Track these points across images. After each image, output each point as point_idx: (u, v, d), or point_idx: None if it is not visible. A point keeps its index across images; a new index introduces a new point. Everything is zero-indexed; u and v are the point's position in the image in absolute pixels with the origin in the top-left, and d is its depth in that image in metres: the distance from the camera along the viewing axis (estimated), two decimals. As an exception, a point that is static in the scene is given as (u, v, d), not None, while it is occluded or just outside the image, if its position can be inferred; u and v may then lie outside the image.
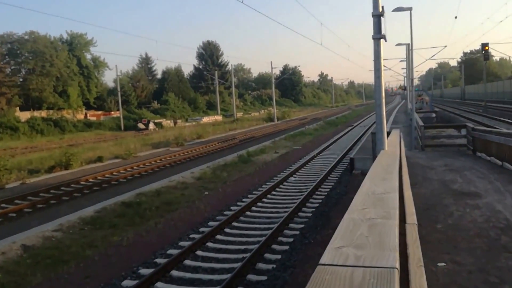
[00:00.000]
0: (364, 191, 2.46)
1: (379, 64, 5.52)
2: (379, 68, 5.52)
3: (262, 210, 11.31)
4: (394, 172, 3.14)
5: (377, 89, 5.66)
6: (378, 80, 5.59)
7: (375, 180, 2.84)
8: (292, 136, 33.23)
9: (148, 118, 54.53)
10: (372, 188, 2.57)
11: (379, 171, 3.33)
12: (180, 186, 15.34)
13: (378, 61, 5.52)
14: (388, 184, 2.68)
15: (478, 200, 6.35)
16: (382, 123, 5.71)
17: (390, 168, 3.39)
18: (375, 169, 3.42)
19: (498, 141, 10.19)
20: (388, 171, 3.22)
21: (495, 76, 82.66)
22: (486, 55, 37.76)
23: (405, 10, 18.73)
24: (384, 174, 3.07)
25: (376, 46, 5.52)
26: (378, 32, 5.43)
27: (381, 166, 3.56)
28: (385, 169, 3.36)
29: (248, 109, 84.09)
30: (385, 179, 2.83)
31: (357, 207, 2.07)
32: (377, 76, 5.57)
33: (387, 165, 3.59)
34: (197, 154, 24.73)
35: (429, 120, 29.33)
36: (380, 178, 2.90)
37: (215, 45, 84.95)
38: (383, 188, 2.53)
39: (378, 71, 5.54)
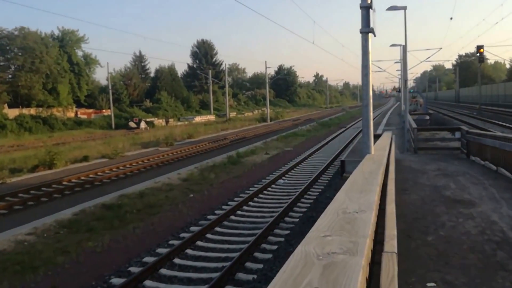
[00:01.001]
0: (333, 209, 2.00)
1: (367, 61, 5.06)
2: (367, 65, 5.07)
3: (247, 214, 10.84)
4: (375, 182, 2.68)
5: (365, 88, 5.20)
6: (365, 78, 5.13)
7: (351, 192, 2.38)
8: (284, 137, 32.79)
9: (140, 116, 53.81)
10: (345, 204, 2.10)
11: (359, 180, 2.87)
12: (165, 188, 14.83)
13: (365, 57, 5.07)
14: (365, 199, 2.21)
15: (472, 209, 5.92)
16: (369, 125, 5.26)
17: (371, 177, 2.92)
18: (354, 177, 2.96)
19: (493, 145, 9.78)
20: (368, 181, 2.76)
21: (489, 79, 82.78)
22: (481, 58, 37.54)
23: (400, 9, 18.33)
24: (363, 185, 2.61)
25: (364, 41, 5.06)
26: (366, 25, 4.98)
27: (362, 174, 3.10)
28: (366, 178, 2.90)
29: (241, 109, 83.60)
30: (363, 192, 2.37)
31: (319, 233, 1.60)
32: (365, 73, 5.11)
33: (369, 173, 3.13)
34: (186, 155, 24.21)
35: (423, 122, 28.98)
36: (357, 189, 2.45)
37: (210, 44, 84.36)
38: (358, 205, 2.07)
39: (366, 68, 5.09)
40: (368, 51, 5.06)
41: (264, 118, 60.02)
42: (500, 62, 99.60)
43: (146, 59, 74.78)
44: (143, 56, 74.53)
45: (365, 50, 5.06)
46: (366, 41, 5.05)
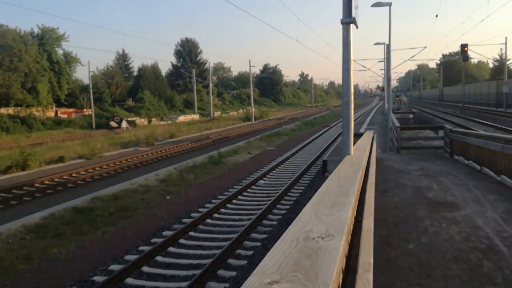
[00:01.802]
0: (293, 233, 1.55)
1: (348, 54, 4.64)
2: (348, 58, 4.65)
3: (224, 217, 10.38)
4: (351, 192, 2.24)
5: (345, 83, 4.78)
6: (346, 72, 4.71)
7: (320, 206, 1.94)
8: (268, 137, 32.39)
9: (122, 116, 52.81)
10: (310, 225, 1.66)
11: (332, 189, 2.44)
12: (141, 190, 14.27)
13: (346, 50, 4.65)
14: (337, 216, 1.77)
15: (456, 213, 5.56)
16: (349, 124, 4.85)
17: (348, 184, 2.49)
18: (328, 185, 2.53)
19: (477, 144, 9.50)
20: (343, 190, 2.33)
21: (473, 78, 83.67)
22: (465, 56, 37.66)
23: (384, 5, 18.05)
24: (336, 195, 2.18)
25: (345, 32, 4.64)
26: (347, 15, 4.56)
27: (338, 181, 2.67)
28: (341, 186, 2.47)
29: (226, 108, 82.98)
30: (335, 205, 1.93)
31: (263, 277, 1.14)
32: (346, 68, 4.69)
33: (346, 179, 2.70)
34: (166, 155, 23.62)
35: (407, 121, 28.89)
36: (329, 202, 2.01)
37: (194, 42, 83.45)
38: (326, 226, 1.63)
39: (347, 62, 4.67)
40: (350, 43, 4.65)
41: (248, 117, 59.54)
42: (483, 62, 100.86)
43: (130, 58, 73.67)
44: (127, 55, 73.44)
45: (346, 42, 4.64)
46: (347, 33, 4.63)
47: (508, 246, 4.14)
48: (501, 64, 63.07)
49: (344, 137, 4.90)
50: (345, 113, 4.86)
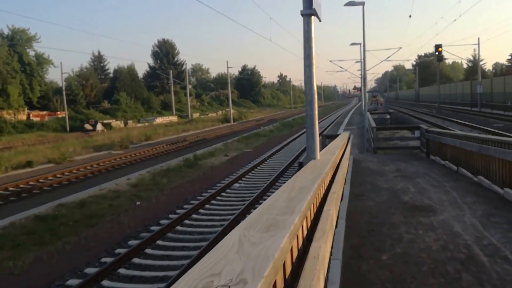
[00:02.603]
0: (192, 279, 1.10)
1: (309, 49, 4.26)
2: (310, 53, 4.27)
3: (195, 224, 9.92)
4: (297, 209, 1.80)
5: (308, 81, 4.39)
6: (308, 69, 4.33)
7: (253, 228, 1.49)
8: (246, 138, 31.98)
9: (97, 118, 51.61)
10: (223, 262, 1.17)
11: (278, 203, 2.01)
12: (111, 195, 13.66)
13: (308, 45, 4.26)
14: (265, 245, 1.30)
15: (433, 217, 5.26)
16: (313, 125, 4.45)
17: (298, 198, 2.06)
18: (275, 198, 2.11)
19: (453, 144, 9.30)
20: (289, 206, 1.88)
21: (447, 79, 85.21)
22: (439, 56, 38.07)
23: (358, 4, 17.89)
24: (279, 212, 1.74)
25: (306, 25, 4.26)
26: (308, 6, 4.18)
27: (288, 193, 2.26)
28: (290, 200, 2.04)
29: (205, 110, 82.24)
30: (271, 228, 1.49)
31: None
32: (308, 64, 4.31)
33: (299, 190, 2.30)
34: (140, 158, 22.95)
35: (383, 122, 28.93)
36: (266, 223, 1.56)
37: (171, 43, 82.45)
38: (243, 264, 1.17)
39: (309, 58, 4.29)
40: (311, 37, 4.26)
41: (227, 118, 59.05)
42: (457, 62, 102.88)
43: (106, 59, 72.23)
44: (102, 56, 72.00)
45: (307, 36, 4.26)
46: (308, 25, 4.25)
47: (489, 255, 3.83)
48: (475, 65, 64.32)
49: (309, 139, 4.50)
50: (309, 114, 4.46)
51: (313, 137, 4.46)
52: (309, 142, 4.51)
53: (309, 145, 4.50)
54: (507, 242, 4.11)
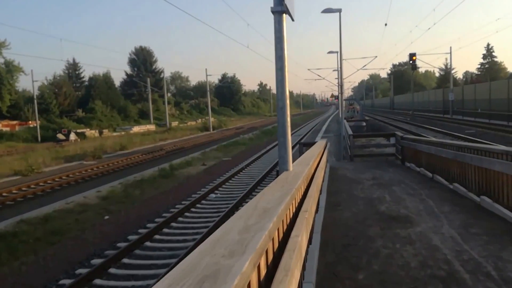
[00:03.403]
0: None
1: (281, 50, 3.94)
2: (282, 55, 3.95)
3: (166, 239, 9.45)
4: (251, 246, 1.40)
5: (279, 86, 4.06)
6: (280, 72, 4.00)
7: (189, 277, 1.13)
8: (225, 146, 31.58)
9: (70, 127, 50.25)
10: None
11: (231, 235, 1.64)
12: (78, 209, 13.02)
13: (280, 45, 3.94)
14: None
15: (410, 229, 5.00)
16: (285, 134, 4.12)
17: (258, 225, 1.68)
18: (230, 225, 1.72)
19: (428, 151, 9.16)
20: (245, 238, 1.55)
21: (421, 87, 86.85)
22: (413, 65, 38.61)
23: (335, 11, 17.84)
24: (228, 249, 1.38)
25: (277, 24, 3.93)
26: (279, 2, 3.87)
27: (247, 217, 1.86)
28: (247, 228, 1.64)
29: (184, 118, 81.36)
30: (208, 280, 1.11)
31: None
32: (279, 67, 3.97)
33: (262, 212, 1.92)
34: (113, 168, 22.24)
35: (360, 129, 29.00)
36: (202, 272, 1.12)
37: (149, 50, 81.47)
38: None
39: (281, 60, 3.96)
40: (283, 37, 3.94)
41: (206, 127, 58.50)
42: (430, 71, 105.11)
43: (81, 67, 70.76)
44: (77, 64, 70.53)
45: (278, 35, 3.94)
46: (279, 24, 3.93)
47: (470, 272, 3.56)
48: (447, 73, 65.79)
49: (281, 149, 4.17)
50: (281, 121, 4.13)
51: (285, 147, 4.13)
52: (281, 152, 4.17)
53: (281, 156, 4.17)
54: (488, 256, 3.86)
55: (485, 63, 72.31)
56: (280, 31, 3.90)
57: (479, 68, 73.83)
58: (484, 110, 35.38)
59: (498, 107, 32.35)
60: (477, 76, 71.49)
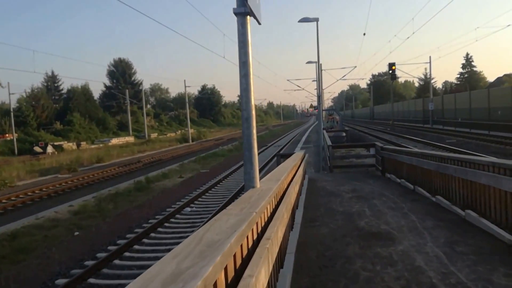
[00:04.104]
0: None
1: (245, 56, 3.57)
2: (246, 61, 3.58)
3: (137, 257, 8.93)
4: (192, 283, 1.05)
5: (244, 94, 3.68)
6: (245, 79, 3.63)
7: None
8: (203, 158, 31.06)
9: (47, 140, 48.98)
10: None
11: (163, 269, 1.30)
12: (48, 225, 12.37)
13: (244, 50, 3.58)
14: None
15: (392, 247, 4.65)
16: (251, 148, 3.74)
17: (192, 271, 1.28)
18: (154, 271, 1.36)
19: (409, 162, 8.90)
20: (180, 274, 1.17)
21: (400, 97, 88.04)
22: (393, 75, 38.94)
23: (312, 21, 17.69)
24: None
25: (241, 26, 3.57)
26: (242, 3, 3.52)
27: (182, 258, 1.49)
28: (173, 278, 1.27)
29: (164, 130, 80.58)
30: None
31: None
32: (244, 73, 3.62)
33: (203, 250, 1.53)
34: (88, 182, 21.48)
35: (340, 139, 28.88)
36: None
37: (127, 62, 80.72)
38: None
39: (245, 66, 3.59)
40: (247, 41, 3.58)
41: (185, 138, 57.87)
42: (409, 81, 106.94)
43: (60, 79, 69.55)
44: (56, 76, 69.33)
45: (242, 39, 3.58)
46: (243, 27, 3.58)
47: (458, 298, 3.22)
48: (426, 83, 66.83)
49: (246, 164, 3.76)
50: (246, 134, 3.73)
51: (251, 162, 3.73)
52: (246, 168, 3.77)
53: (247, 171, 3.76)
54: (477, 280, 3.53)
55: (464, 73, 73.63)
56: (244, 35, 3.54)
57: (459, 77, 75.16)
58: (465, 119, 35.78)
59: (479, 116, 32.73)
60: (457, 85, 72.73)
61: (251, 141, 3.72)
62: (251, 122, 3.72)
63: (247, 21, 3.58)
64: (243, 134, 3.78)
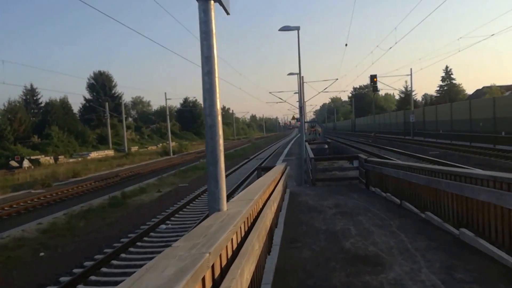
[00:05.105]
0: None
1: (209, 48, 2.99)
2: (210, 56, 2.99)
3: (103, 281, 8.17)
4: None
5: (208, 96, 3.09)
6: (208, 78, 3.03)
7: None
8: (183, 172, 30.27)
9: (24, 154, 47.47)
10: None
11: None
12: (13, 245, 11.49)
13: (207, 43, 2.99)
14: None
15: (382, 275, 4.10)
16: (217, 161, 3.14)
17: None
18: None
19: (396, 175, 8.43)
20: None
21: (381, 109, 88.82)
22: (374, 87, 39.00)
23: (293, 29, 17.32)
24: None
25: (203, 14, 2.99)
26: (204, -15, 2.96)
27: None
28: None
29: (145, 143, 79.37)
30: None
31: None
32: (207, 71, 3.01)
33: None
34: (61, 197, 20.48)
35: (322, 152, 28.49)
36: None
37: (108, 75, 79.65)
38: None
39: (209, 62, 3.00)
40: (211, 31, 3.00)
41: (166, 151, 56.90)
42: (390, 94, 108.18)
43: (39, 93, 68.13)
44: (35, 89, 67.91)
45: (205, 29, 3.00)
46: (206, 14, 3.00)
47: None
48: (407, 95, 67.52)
49: (211, 182, 3.13)
50: (210, 144, 3.11)
51: (217, 179, 3.11)
52: (210, 187, 3.14)
53: (211, 191, 3.14)
54: (485, 318, 2.98)
55: (444, 85, 74.68)
56: (207, 24, 2.96)
57: (438, 90, 76.17)
58: (446, 131, 35.87)
59: (460, 128, 32.81)
60: (436, 98, 73.63)
61: (217, 153, 3.12)
62: (216, 131, 3.13)
63: (210, 7, 3.01)
64: (206, 145, 3.18)
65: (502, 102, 27.55)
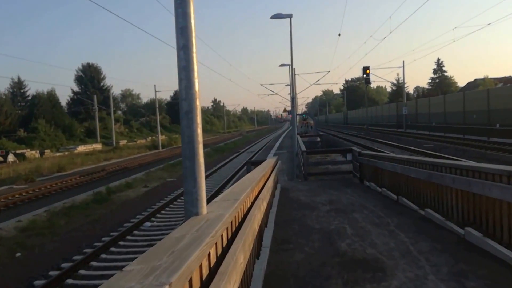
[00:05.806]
0: None
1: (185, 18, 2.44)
2: (186, 27, 2.45)
3: (81, 284, 7.62)
4: None
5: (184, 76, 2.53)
6: (184, 54, 2.49)
7: None
8: (172, 165, 29.62)
9: (9, 148, 46.38)
10: None
11: None
12: (-12, 245, 10.85)
13: (182, 10, 2.45)
14: None
15: (384, 282, 3.62)
16: (194, 155, 2.60)
17: None
18: None
19: (392, 169, 7.96)
20: None
21: (373, 102, 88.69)
22: (367, 79, 38.57)
23: (285, 17, 16.74)
24: None
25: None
26: None
27: None
28: None
29: (134, 136, 78.43)
30: None
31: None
32: (183, 44, 2.47)
33: None
34: (44, 193, 19.79)
35: (314, 145, 28.05)
36: None
37: (96, 67, 78.31)
38: None
39: (185, 32, 2.45)
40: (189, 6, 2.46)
41: (155, 145, 56.11)
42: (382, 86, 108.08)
43: (27, 85, 66.72)
44: (23, 82, 66.47)
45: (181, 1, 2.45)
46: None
47: None
48: (399, 88, 67.33)
49: (187, 180, 2.61)
50: (187, 134, 2.58)
51: (194, 176, 2.57)
52: (187, 185, 2.60)
53: (188, 190, 2.60)
54: None
55: (435, 78, 74.67)
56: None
57: (430, 82, 76.17)
58: (439, 123, 35.60)
59: (453, 120, 32.53)
60: (428, 90, 73.61)
61: (194, 144, 2.58)
62: (193, 118, 2.58)
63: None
64: (182, 135, 2.63)
65: (496, 93, 27.27)
